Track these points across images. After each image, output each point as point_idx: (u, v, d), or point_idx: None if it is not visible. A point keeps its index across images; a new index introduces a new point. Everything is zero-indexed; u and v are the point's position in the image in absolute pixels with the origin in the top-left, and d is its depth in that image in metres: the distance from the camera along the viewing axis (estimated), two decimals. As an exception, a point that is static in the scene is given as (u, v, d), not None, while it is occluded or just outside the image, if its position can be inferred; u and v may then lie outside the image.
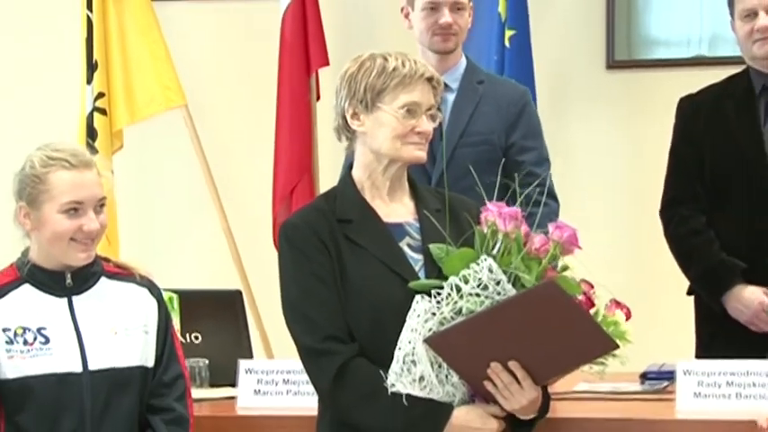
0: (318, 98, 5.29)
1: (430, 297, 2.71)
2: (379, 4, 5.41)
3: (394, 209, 2.93)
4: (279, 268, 2.90)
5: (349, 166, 2.99)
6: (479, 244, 2.74)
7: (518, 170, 3.74)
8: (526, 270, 2.69)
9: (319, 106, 5.27)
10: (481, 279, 2.66)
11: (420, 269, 2.84)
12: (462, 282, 2.68)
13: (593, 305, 2.76)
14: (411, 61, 2.87)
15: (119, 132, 5.34)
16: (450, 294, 2.68)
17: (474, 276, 2.67)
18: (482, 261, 2.68)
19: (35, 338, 2.94)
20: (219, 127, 5.56)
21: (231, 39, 5.60)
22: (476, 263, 2.68)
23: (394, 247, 2.86)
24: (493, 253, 2.72)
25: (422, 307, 2.69)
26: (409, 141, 2.86)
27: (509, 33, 5.05)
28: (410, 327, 2.70)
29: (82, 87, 5.29)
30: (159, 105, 5.31)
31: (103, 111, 5.27)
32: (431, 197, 2.97)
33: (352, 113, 2.88)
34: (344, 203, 2.90)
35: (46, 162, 2.94)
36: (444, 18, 3.88)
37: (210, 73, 5.59)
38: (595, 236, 4.85)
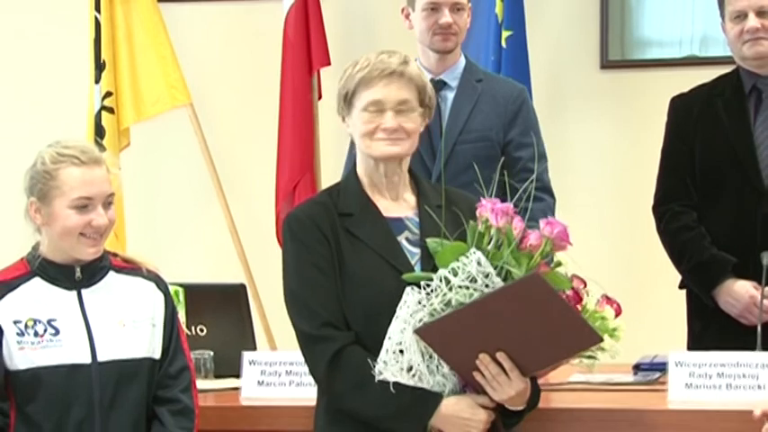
0: (320, 97, 5.31)
1: (421, 289, 2.74)
2: (379, 5, 5.42)
3: (395, 204, 2.97)
4: (282, 259, 2.95)
5: (354, 163, 3.05)
6: (471, 238, 2.76)
7: (515, 166, 3.81)
8: (516, 264, 2.71)
9: (321, 105, 5.29)
10: (470, 272, 2.69)
11: (416, 262, 2.88)
12: (452, 274, 2.70)
13: (580, 300, 2.79)
14: (379, 60, 2.90)
15: (126, 130, 5.37)
16: (439, 286, 2.71)
17: (463, 269, 2.70)
18: (471, 254, 2.71)
19: (45, 330, 2.96)
20: (224, 125, 5.58)
21: (235, 39, 5.61)
22: (465, 256, 2.71)
23: (391, 241, 2.90)
24: (487, 248, 2.74)
25: (412, 298, 2.73)
26: (377, 138, 2.91)
27: (506, 34, 5.05)
28: (400, 317, 2.73)
29: (90, 86, 5.33)
30: (165, 104, 5.34)
31: (111, 109, 5.30)
32: (433, 193, 3.00)
33: (342, 118, 2.98)
34: (347, 198, 2.95)
35: (56, 159, 2.97)
36: (444, 18, 3.90)
37: (215, 72, 5.60)
38: (589, 232, 4.90)
